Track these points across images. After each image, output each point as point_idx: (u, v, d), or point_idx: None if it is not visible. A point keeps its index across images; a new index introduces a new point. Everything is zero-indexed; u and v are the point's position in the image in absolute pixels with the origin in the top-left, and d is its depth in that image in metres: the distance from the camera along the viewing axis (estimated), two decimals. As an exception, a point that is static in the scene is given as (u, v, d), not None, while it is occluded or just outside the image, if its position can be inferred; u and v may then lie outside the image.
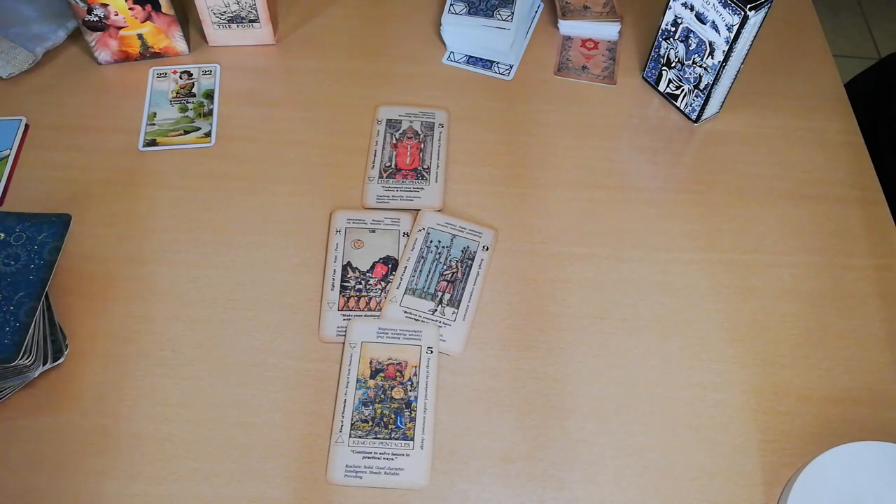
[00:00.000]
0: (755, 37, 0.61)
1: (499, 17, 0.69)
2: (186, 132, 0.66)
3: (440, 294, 0.57)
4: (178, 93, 0.68)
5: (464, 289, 0.58)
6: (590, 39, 0.74)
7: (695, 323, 0.57)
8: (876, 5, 2.00)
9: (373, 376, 0.53)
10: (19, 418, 0.51)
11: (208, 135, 0.65)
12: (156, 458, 0.50)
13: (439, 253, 0.59)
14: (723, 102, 0.68)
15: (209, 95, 0.68)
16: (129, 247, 0.59)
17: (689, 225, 0.62)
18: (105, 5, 0.65)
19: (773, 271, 0.60)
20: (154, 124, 0.66)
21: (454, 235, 0.60)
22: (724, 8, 0.59)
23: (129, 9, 0.65)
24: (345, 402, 0.52)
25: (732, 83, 0.66)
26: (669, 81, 0.68)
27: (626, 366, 0.55)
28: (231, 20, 0.69)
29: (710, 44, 0.62)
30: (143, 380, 0.53)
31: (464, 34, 0.70)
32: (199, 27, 0.71)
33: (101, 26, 0.66)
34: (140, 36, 0.68)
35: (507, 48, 0.70)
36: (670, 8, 0.64)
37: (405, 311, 0.56)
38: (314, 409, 0.52)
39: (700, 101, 0.66)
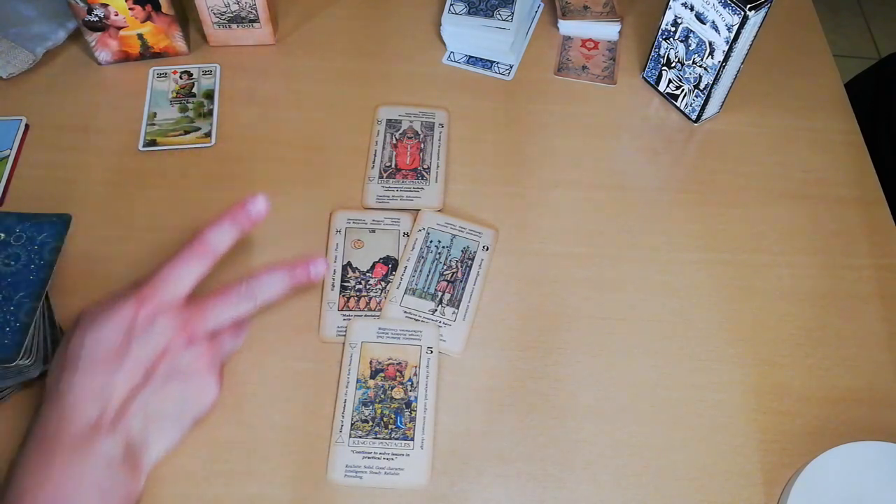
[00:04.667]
0: (755, 37, 0.61)
1: (499, 17, 0.69)
2: (186, 132, 0.66)
3: (440, 294, 0.57)
4: (178, 93, 0.68)
5: (464, 289, 0.58)
6: (590, 39, 0.74)
7: (695, 323, 0.57)
8: (876, 5, 2.00)
9: (373, 376, 0.53)
10: (19, 418, 0.51)
11: (208, 135, 0.65)
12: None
13: (439, 253, 0.59)
14: (723, 102, 0.68)
15: (209, 95, 0.68)
16: (129, 247, 0.59)
17: (689, 225, 0.62)
18: (105, 5, 0.65)
19: (773, 271, 0.60)
20: (154, 124, 0.66)
21: (454, 235, 0.60)
22: (724, 8, 0.59)
23: (129, 9, 0.65)
24: (345, 402, 0.52)
25: (732, 83, 0.66)
26: (669, 81, 0.68)
27: (626, 366, 0.55)
28: (231, 20, 0.69)
29: (710, 44, 0.62)
30: (143, 380, 0.53)
31: (464, 34, 0.70)
32: (199, 27, 0.71)
33: (101, 26, 0.66)
34: (140, 36, 0.68)
35: (507, 48, 0.70)
36: (670, 8, 0.64)
37: (405, 311, 0.56)
38: (314, 409, 0.52)
39: (700, 101, 0.66)
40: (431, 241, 0.60)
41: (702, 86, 0.65)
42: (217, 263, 0.49)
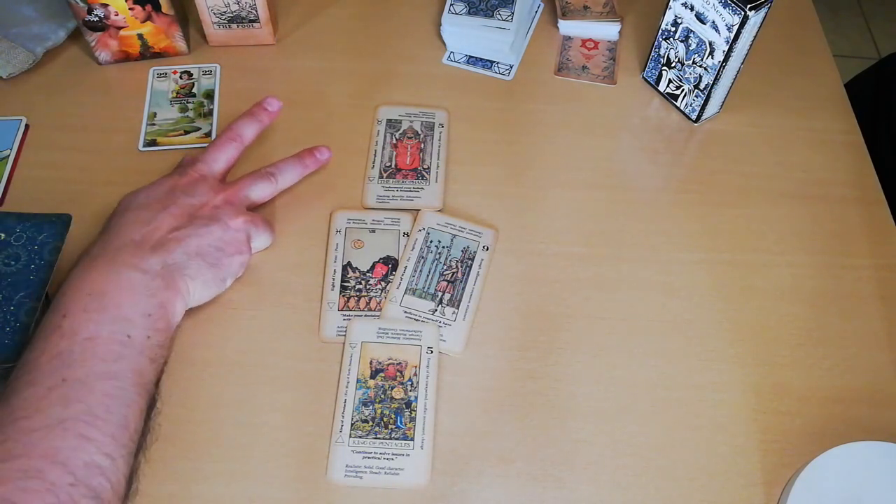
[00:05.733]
0: (755, 37, 0.61)
1: (499, 17, 0.69)
2: (186, 132, 0.66)
3: (440, 294, 0.57)
4: (178, 93, 0.68)
5: (464, 289, 0.58)
6: (590, 39, 0.74)
7: (695, 323, 0.57)
8: (876, 5, 2.00)
9: (373, 376, 0.53)
10: (19, 418, 0.51)
11: (208, 135, 0.65)
12: (156, 457, 0.50)
13: (439, 253, 0.59)
14: (723, 102, 0.68)
15: (209, 95, 0.68)
16: (129, 247, 0.59)
17: (689, 225, 0.62)
18: (105, 5, 0.65)
19: (773, 271, 0.60)
20: (154, 124, 0.66)
21: (454, 235, 0.60)
22: (724, 8, 0.59)
23: (129, 9, 0.65)
24: (345, 402, 0.52)
25: (732, 83, 0.66)
26: (669, 81, 0.68)
27: (626, 366, 0.55)
28: (231, 20, 0.69)
29: (711, 44, 0.62)
30: (143, 380, 0.53)
31: (464, 34, 0.70)
32: (199, 27, 0.71)
33: (101, 26, 0.66)
34: (140, 36, 0.68)
35: (507, 48, 0.70)
36: (670, 8, 0.64)
37: (405, 311, 0.56)
38: (314, 409, 0.52)
39: (700, 101, 0.66)
40: (431, 241, 0.60)
41: (702, 86, 0.65)
42: (245, 150, 0.60)
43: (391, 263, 0.59)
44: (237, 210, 0.55)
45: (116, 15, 0.66)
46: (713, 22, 0.61)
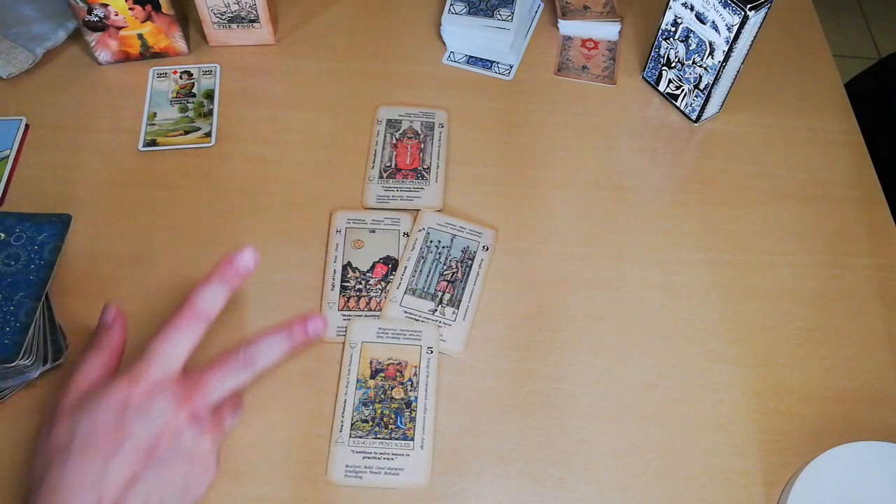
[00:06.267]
0: (755, 37, 0.61)
1: (499, 17, 0.69)
2: (186, 132, 0.66)
3: (440, 294, 0.57)
4: (178, 93, 0.68)
5: (464, 289, 0.58)
6: (590, 39, 0.74)
7: (695, 323, 0.57)
8: (876, 5, 2.00)
9: (373, 376, 0.53)
10: (19, 418, 0.51)
11: (208, 135, 0.65)
12: (156, 458, 0.50)
13: (439, 253, 0.59)
14: (723, 102, 0.68)
15: (209, 95, 0.68)
16: (129, 247, 0.59)
17: (689, 225, 0.62)
18: (105, 5, 0.65)
19: (774, 271, 0.60)
20: (154, 124, 0.66)
21: (454, 235, 0.60)
22: (724, 8, 0.59)
23: (129, 9, 0.65)
24: (345, 402, 0.52)
25: (732, 83, 0.66)
26: (669, 81, 0.68)
27: (626, 366, 0.55)
28: (231, 20, 0.69)
29: (710, 44, 0.62)
30: (143, 380, 0.53)
31: (464, 34, 0.70)
32: (199, 27, 0.71)
33: (101, 26, 0.66)
34: (140, 36, 0.68)
35: (507, 48, 0.70)
36: (670, 8, 0.64)
37: (405, 311, 0.56)
38: (314, 409, 0.52)
39: (700, 101, 0.66)
40: (431, 241, 0.60)
41: (702, 86, 0.65)
42: (210, 328, 0.46)
43: (391, 263, 0.59)
44: (204, 427, 0.44)
45: (116, 15, 0.66)
46: (713, 22, 0.61)
